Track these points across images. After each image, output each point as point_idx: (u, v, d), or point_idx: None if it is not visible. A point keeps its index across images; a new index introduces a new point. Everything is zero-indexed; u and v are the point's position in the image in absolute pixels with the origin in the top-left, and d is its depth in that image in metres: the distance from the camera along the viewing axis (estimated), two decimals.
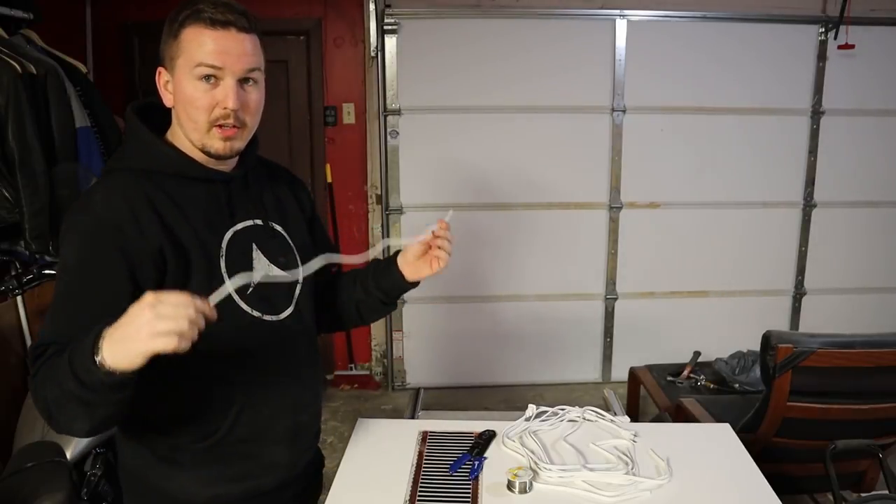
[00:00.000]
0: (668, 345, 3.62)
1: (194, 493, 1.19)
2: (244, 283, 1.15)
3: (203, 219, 1.14)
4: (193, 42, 1.09)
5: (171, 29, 1.12)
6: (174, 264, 1.09)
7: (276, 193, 1.30)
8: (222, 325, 1.06)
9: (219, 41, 1.09)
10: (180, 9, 1.11)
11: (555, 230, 3.72)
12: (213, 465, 1.18)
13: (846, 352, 1.96)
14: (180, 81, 1.11)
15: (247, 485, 1.21)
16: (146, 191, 1.11)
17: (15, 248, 2.32)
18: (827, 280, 3.86)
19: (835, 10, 3.47)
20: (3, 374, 2.34)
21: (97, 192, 1.12)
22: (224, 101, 1.10)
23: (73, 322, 1.02)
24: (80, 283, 1.06)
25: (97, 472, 1.88)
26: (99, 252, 1.06)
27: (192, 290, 0.98)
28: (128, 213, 1.08)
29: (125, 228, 1.07)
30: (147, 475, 1.20)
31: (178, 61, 1.11)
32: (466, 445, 1.46)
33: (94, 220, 1.07)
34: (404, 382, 3.82)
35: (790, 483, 2.18)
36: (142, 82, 3.56)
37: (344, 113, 3.60)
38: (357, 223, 3.65)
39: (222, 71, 1.10)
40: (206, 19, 1.09)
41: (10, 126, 2.19)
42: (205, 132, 1.12)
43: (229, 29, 1.09)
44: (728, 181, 3.72)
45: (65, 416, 0.98)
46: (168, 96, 1.15)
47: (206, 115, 1.11)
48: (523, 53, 3.53)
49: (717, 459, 1.44)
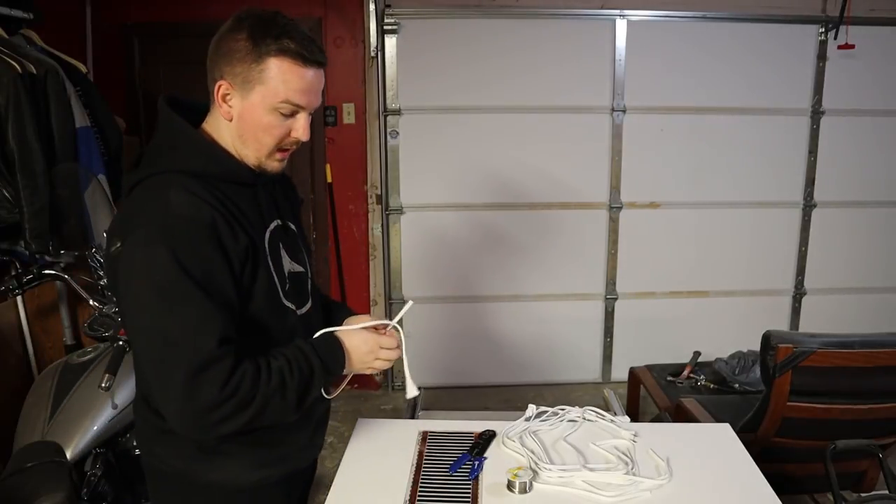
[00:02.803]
0: (668, 345, 3.62)
1: (242, 480, 1.25)
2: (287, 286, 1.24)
3: (252, 221, 1.19)
4: (284, 76, 1.10)
5: (252, 50, 1.10)
6: (252, 262, 1.15)
7: (284, 194, 1.36)
8: (272, 319, 1.20)
9: (307, 80, 1.12)
10: (263, 32, 1.09)
11: (555, 230, 3.72)
12: (256, 451, 1.25)
13: (846, 352, 1.96)
14: (256, 107, 1.12)
15: (285, 467, 1.30)
16: (212, 192, 1.13)
17: (15, 248, 2.32)
18: (827, 280, 3.86)
19: (835, 10, 3.47)
20: (3, 374, 2.34)
21: (169, 194, 1.09)
22: (299, 133, 1.16)
23: (226, 314, 1.08)
24: (207, 279, 1.06)
25: (97, 472, 1.87)
26: (205, 248, 1.07)
27: (259, 287, 1.16)
28: (213, 212, 1.10)
29: (219, 226, 1.09)
30: (191, 472, 1.24)
31: (257, 87, 1.11)
32: (466, 445, 1.46)
33: (185, 221, 1.07)
34: (404, 382, 3.80)
35: (790, 483, 2.18)
36: (142, 82, 3.56)
37: (344, 113, 3.60)
38: (357, 223, 3.65)
39: (304, 108, 1.15)
40: (300, 56, 1.10)
41: (10, 126, 2.19)
42: (267, 155, 1.17)
43: (319, 70, 1.13)
44: (728, 181, 3.72)
45: (270, 412, 1.12)
46: (227, 109, 1.15)
47: (276, 142, 1.16)
48: (523, 53, 3.53)
49: (717, 459, 1.44)
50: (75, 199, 2.42)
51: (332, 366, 1.20)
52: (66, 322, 2.58)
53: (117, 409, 1.91)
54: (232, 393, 1.05)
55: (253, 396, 1.08)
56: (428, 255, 3.71)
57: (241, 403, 1.07)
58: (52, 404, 1.92)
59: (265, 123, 1.13)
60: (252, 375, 1.08)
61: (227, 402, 1.06)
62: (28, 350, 2.50)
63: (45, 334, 2.56)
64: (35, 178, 2.25)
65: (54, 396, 1.94)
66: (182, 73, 2.68)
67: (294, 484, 1.37)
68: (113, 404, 1.90)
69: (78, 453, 1.83)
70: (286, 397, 1.12)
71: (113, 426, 1.92)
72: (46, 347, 2.55)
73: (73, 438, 1.83)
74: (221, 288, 1.09)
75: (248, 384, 1.07)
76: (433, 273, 3.74)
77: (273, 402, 1.11)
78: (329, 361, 1.20)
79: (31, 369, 2.49)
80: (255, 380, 1.08)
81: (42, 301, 2.53)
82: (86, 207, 2.45)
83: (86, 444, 1.86)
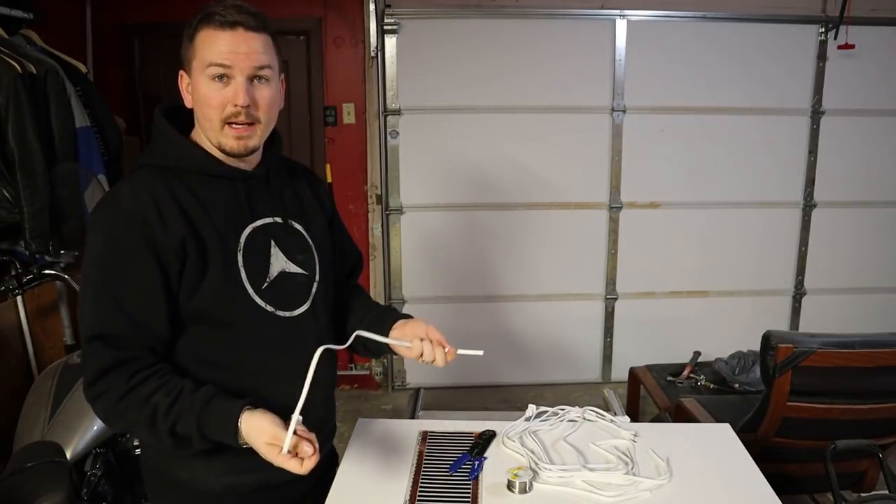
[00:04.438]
0: (668, 345, 3.62)
1: (209, 483, 1.24)
2: (264, 285, 1.21)
3: (223, 214, 1.19)
4: (205, 43, 1.14)
5: (187, 33, 1.17)
6: (194, 256, 1.15)
7: (297, 192, 1.34)
8: (235, 316, 1.18)
9: (228, 41, 1.13)
10: (196, 14, 1.16)
11: (555, 230, 3.72)
12: (225, 456, 1.20)
13: (846, 352, 1.96)
14: (196, 82, 1.16)
15: (258, 476, 1.24)
16: (170, 186, 1.17)
17: (15, 248, 2.32)
18: (827, 280, 3.86)
19: (835, 10, 3.47)
20: (3, 374, 2.34)
21: (124, 186, 1.18)
22: (234, 98, 1.14)
23: (117, 313, 1.11)
24: (114, 273, 1.12)
25: (97, 472, 1.87)
26: (127, 243, 1.12)
27: (208, 281, 1.15)
28: (152, 206, 1.14)
29: (150, 220, 1.12)
30: (167, 468, 1.26)
31: (193, 63, 1.16)
32: (466, 445, 1.46)
33: (120, 213, 1.13)
34: (404, 382, 3.81)
35: (790, 483, 2.18)
36: (142, 82, 3.56)
37: (344, 113, 3.60)
38: (357, 223, 3.65)
39: (232, 70, 1.14)
40: (217, 21, 1.14)
41: (10, 126, 2.19)
42: (219, 130, 1.17)
43: (237, 29, 1.14)
44: (728, 181, 3.72)
45: (141, 432, 1.14)
46: (189, 98, 1.20)
47: (218, 113, 1.15)
48: (523, 53, 3.53)
49: (717, 459, 1.44)
50: (75, 199, 2.42)
51: (211, 435, 1.10)
52: (66, 322, 2.58)
53: None
54: (97, 395, 1.11)
55: (121, 412, 1.11)
56: (428, 255, 3.71)
57: (109, 412, 1.12)
58: (52, 404, 1.92)
59: (203, 95, 1.15)
60: (121, 392, 1.09)
61: (95, 401, 1.12)
62: (28, 350, 2.50)
63: (45, 334, 2.56)
64: (35, 178, 2.25)
65: (54, 396, 1.94)
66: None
67: (274, 499, 1.31)
68: None
69: (78, 453, 1.83)
70: (155, 432, 1.10)
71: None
72: (46, 347, 2.55)
73: (73, 438, 1.83)
74: (129, 285, 1.12)
75: (113, 397, 1.10)
76: (433, 273, 3.74)
77: (141, 430, 1.12)
78: (209, 432, 1.10)
79: (31, 369, 2.49)
80: (122, 398, 1.09)
81: (42, 301, 2.53)
82: (86, 207, 2.44)
83: (86, 444, 1.86)
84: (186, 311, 1.17)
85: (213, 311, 1.17)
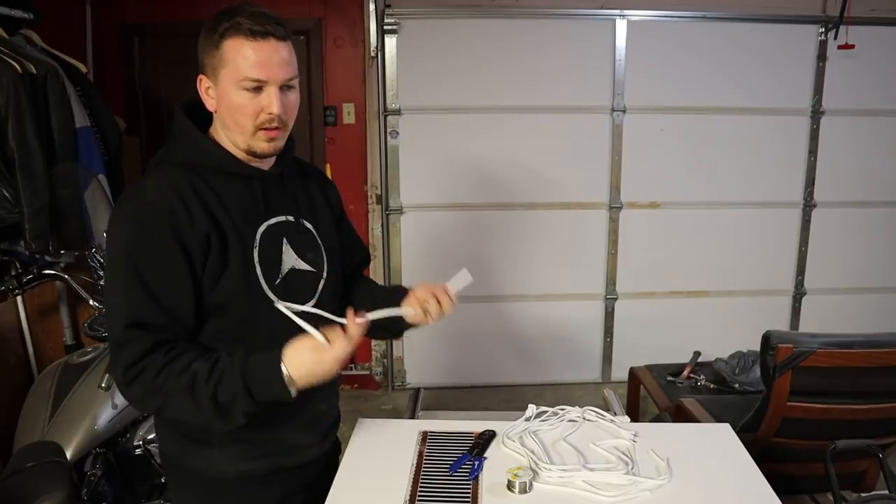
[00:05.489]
0: (668, 345, 3.61)
1: (224, 470, 1.29)
2: (277, 280, 1.25)
3: (240, 211, 1.23)
4: (237, 55, 1.15)
5: (210, 39, 1.18)
6: (216, 250, 1.18)
7: (308, 192, 1.38)
8: (250, 309, 1.22)
9: (260, 53, 1.15)
10: (219, 19, 1.17)
11: (555, 230, 3.72)
12: (238, 445, 1.27)
13: (846, 352, 1.96)
14: (225, 91, 1.18)
15: (270, 462, 1.31)
16: (192, 181, 1.19)
17: (15, 248, 2.32)
18: (827, 280, 3.86)
19: (835, 10, 3.47)
20: (3, 374, 2.34)
21: (148, 181, 1.21)
22: (269, 107, 1.18)
23: (150, 301, 1.13)
24: (146, 263, 1.14)
25: (97, 472, 1.87)
26: (156, 234, 1.14)
27: (229, 275, 1.19)
28: (178, 199, 1.16)
29: (177, 212, 1.16)
30: (184, 458, 1.31)
31: (221, 72, 1.17)
32: (466, 445, 1.46)
33: (147, 206, 1.16)
34: (404, 382, 3.81)
35: (790, 483, 2.18)
36: (142, 82, 3.56)
37: (344, 113, 3.60)
38: (357, 223, 3.62)
39: (266, 82, 1.17)
40: (247, 31, 1.15)
41: (10, 126, 2.19)
42: (250, 135, 1.20)
43: (268, 39, 1.16)
44: (728, 181, 3.72)
45: (179, 403, 1.14)
46: (210, 101, 1.22)
47: (252, 121, 1.18)
48: (523, 53, 3.53)
49: (717, 459, 1.44)
50: (75, 199, 2.42)
51: (258, 389, 1.13)
52: (66, 322, 2.58)
53: (117, 408, 1.91)
54: (136, 375, 1.13)
55: (160, 386, 1.12)
56: (428, 255, 3.71)
57: (147, 390, 1.13)
58: (52, 404, 1.92)
59: (236, 104, 1.17)
60: (159, 366, 1.13)
61: (133, 383, 1.13)
62: (28, 350, 2.50)
63: (45, 334, 2.56)
64: (35, 178, 2.25)
65: (54, 396, 1.94)
66: (182, 73, 2.69)
67: (288, 483, 1.35)
68: (113, 404, 1.90)
69: (78, 453, 1.83)
70: (195, 399, 1.12)
71: (113, 426, 1.92)
72: (46, 347, 2.55)
73: (73, 438, 1.83)
74: (159, 275, 1.14)
75: (151, 373, 1.12)
76: (433, 273, 3.68)
77: (180, 398, 1.13)
78: (256, 384, 1.12)
79: (31, 369, 2.49)
80: (161, 371, 1.13)
81: (42, 301, 2.53)
82: (86, 207, 2.45)
83: (86, 444, 1.86)
84: (207, 303, 1.20)
85: (231, 304, 1.21)
